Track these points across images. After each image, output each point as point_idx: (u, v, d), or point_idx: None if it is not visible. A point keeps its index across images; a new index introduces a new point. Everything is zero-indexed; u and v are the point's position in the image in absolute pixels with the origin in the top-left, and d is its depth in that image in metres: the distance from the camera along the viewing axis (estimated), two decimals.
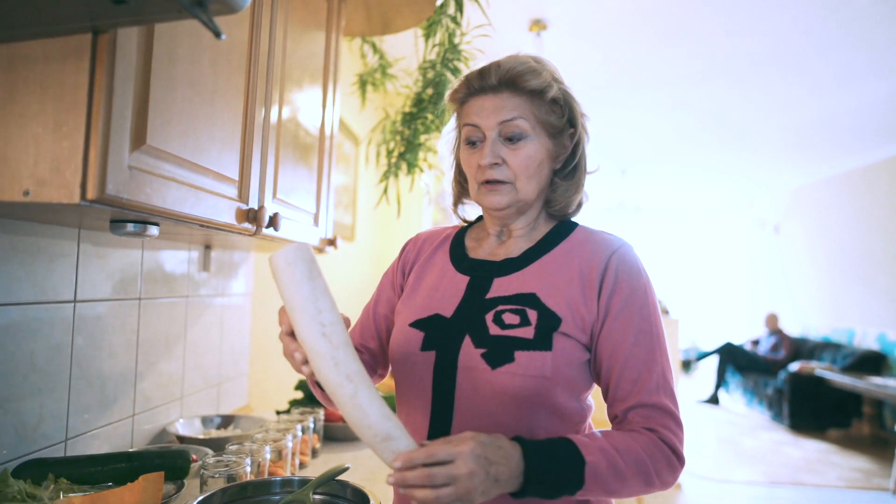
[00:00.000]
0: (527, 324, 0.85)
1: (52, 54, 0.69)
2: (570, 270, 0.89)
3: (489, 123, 0.90)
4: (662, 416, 0.83)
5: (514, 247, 0.96)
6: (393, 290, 1.07)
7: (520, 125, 0.89)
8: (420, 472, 0.69)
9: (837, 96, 4.21)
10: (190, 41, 0.88)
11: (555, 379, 0.83)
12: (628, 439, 0.80)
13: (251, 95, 1.11)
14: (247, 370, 1.98)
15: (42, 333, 1.04)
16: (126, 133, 0.74)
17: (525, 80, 0.89)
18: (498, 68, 0.90)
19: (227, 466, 1.03)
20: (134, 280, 1.33)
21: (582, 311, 0.86)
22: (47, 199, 0.69)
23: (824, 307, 6.67)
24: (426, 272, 1.01)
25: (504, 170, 0.90)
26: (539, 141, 0.91)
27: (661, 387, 0.84)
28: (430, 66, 1.78)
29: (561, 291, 0.88)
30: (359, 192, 3.41)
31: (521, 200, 0.92)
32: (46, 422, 1.06)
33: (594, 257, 0.89)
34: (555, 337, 0.84)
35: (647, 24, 3.16)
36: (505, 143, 0.90)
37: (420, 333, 0.92)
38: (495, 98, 0.90)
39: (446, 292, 0.95)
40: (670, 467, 0.81)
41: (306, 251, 0.75)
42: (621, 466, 0.77)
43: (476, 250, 1.00)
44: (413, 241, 1.10)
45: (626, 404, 0.84)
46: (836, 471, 4.51)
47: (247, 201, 1.11)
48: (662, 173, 7.18)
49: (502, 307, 0.88)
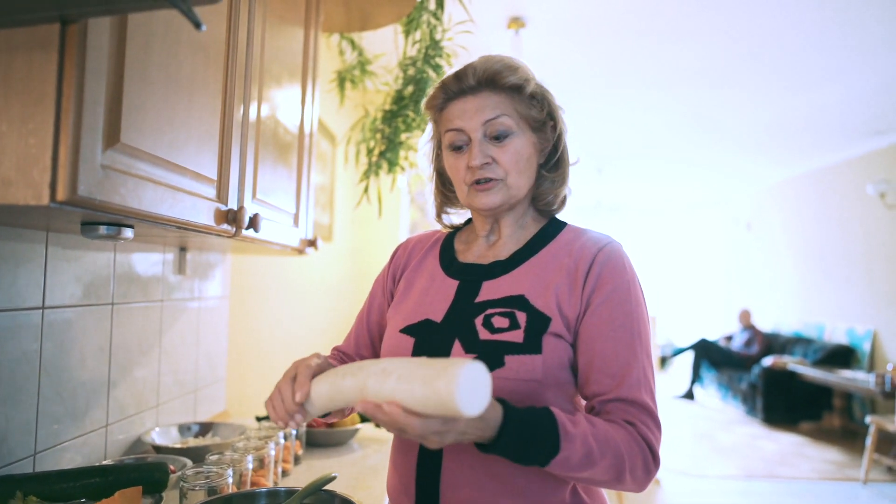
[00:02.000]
0: (516, 327, 0.85)
1: (19, 45, 0.65)
2: (558, 269, 0.89)
3: (473, 125, 0.90)
4: (641, 412, 0.81)
5: (503, 249, 0.96)
6: (384, 297, 1.06)
7: (504, 122, 0.89)
8: (394, 425, 0.68)
9: (809, 96, 4.29)
10: (166, 34, 0.84)
11: (546, 382, 0.83)
12: (611, 430, 0.79)
13: (229, 92, 1.07)
14: (224, 375, 1.93)
15: (7, 342, 0.99)
16: (98, 130, 0.70)
17: (503, 77, 0.89)
18: (475, 69, 0.90)
19: (207, 478, 0.99)
20: (106, 284, 1.27)
21: (567, 308, 0.86)
22: (13, 201, 0.64)
23: (796, 302, 6.82)
24: (416, 277, 1.01)
25: (495, 168, 0.90)
26: (524, 136, 0.91)
27: (641, 384, 0.83)
28: (411, 63, 1.75)
29: (549, 290, 0.87)
30: (336, 191, 3.36)
31: (513, 197, 0.92)
32: (13, 435, 1.01)
33: (581, 255, 0.89)
34: (544, 339, 0.84)
35: (624, 23, 3.18)
36: (491, 143, 0.90)
37: (411, 339, 0.91)
38: (476, 99, 0.90)
39: (436, 297, 0.94)
40: (645, 466, 0.80)
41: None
42: (595, 458, 0.76)
43: (465, 254, 1.00)
44: (403, 246, 1.09)
45: (605, 398, 0.83)
46: (809, 463, 4.61)
47: (226, 202, 1.07)
48: (639, 171, 7.26)
49: (491, 310, 0.87)
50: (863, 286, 5.69)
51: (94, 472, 0.96)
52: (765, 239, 7.60)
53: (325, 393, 0.76)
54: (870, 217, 5.61)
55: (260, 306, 2.26)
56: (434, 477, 0.86)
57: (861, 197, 5.72)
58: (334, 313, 3.51)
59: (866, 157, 5.74)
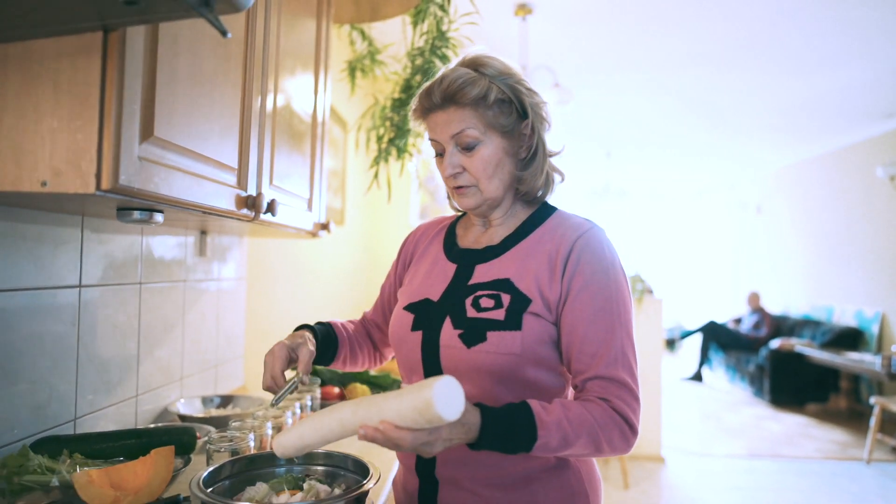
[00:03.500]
0: (499, 306, 0.93)
1: (65, 51, 0.73)
2: (541, 254, 0.97)
3: (444, 137, 0.98)
4: (618, 388, 0.88)
5: (495, 234, 1.05)
6: (395, 276, 1.18)
7: (470, 134, 0.96)
8: (389, 443, 0.76)
9: (817, 79, 4.29)
10: (191, 36, 0.92)
11: (524, 355, 0.91)
12: (583, 411, 0.86)
13: (248, 85, 1.15)
14: (242, 352, 2.03)
15: (50, 317, 1.08)
16: (136, 125, 0.78)
17: (464, 92, 0.95)
18: (439, 85, 0.96)
19: (231, 441, 1.09)
20: (134, 265, 1.36)
21: (547, 291, 0.93)
22: (64, 190, 0.73)
23: (805, 285, 6.83)
24: (423, 261, 1.11)
25: (465, 176, 0.98)
26: (492, 143, 0.97)
27: (618, 361, 0.89)
28: (419, 53, 1.81)
29: (531, 274, 0.95)
30: (347, 176, 3.44)
31: (488, 199, 1.00)
32: (56, 402, 1.11)
33: (562, 241, 0.96)
34: (524, 317, 0.92)
35: (631, 8, 3.20)
36: (462, 152, 0.98)
37: (411, 315, 1.02)
38: (443, 114, 0.97)
39: (436, 279, 1.04)
40: (622, 436, 0.87)
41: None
42: (571, 438, 0.84)
43: (464, 238, 1.09)
44: (413, 234, 1.20)
45: (585, 376, 0.91)
46: (813, 443, 4.68)
47: (245, 188, 1.15)
48: (647, 156, 7.27)
49: (480, 292, 0.97)
50: (871, 269, 5.70)
51: (131, 434, 1.06)
52: (774, 222, 7.60)
53: (335, 424, 0.82)
54: (879, 200, 5.60)
55: (275, 287, 2.36)
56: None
57: (870, 180, 5.71)
58: (345, 294, 3.61)
59: (876, 139, 5.71)
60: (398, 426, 0.75)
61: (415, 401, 0.74)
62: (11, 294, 0.99)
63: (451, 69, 0.99)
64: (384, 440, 0.76)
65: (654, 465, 4.10)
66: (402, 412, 0.75)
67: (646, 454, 4.21)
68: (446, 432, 0.78)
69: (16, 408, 1.01)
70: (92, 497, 0.83)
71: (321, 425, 0.82)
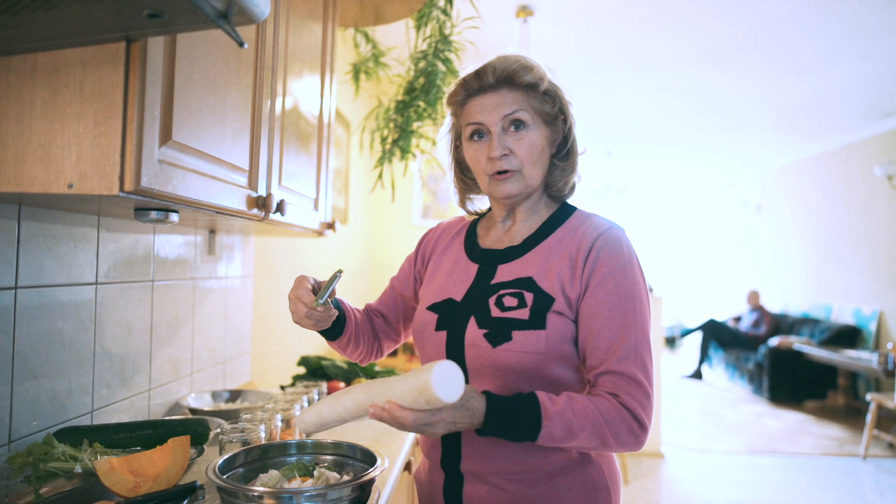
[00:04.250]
0: (523, 305, 0.95)
1: (91, 61, 0.77)
2: (563, 253, 0.99)
3: (493, 119, 0.99)
4: (629, 383, 0.90)
5: (518, 234, 1.06)
6: (410, 271, 1.21)
7: (521, 117, 0.99)
8: (396, 422, 0.82)
9: (817, 78, 4.32)
10: (207, 44, 0.96)
11: (549, 353, 0.93)
12: (589, 404, 0.88)
13: (258, 89, 1.19)
14: (250, 349, 2.07)
15: (69, 313, 1.13)
16: (156, 130, 0.82)
17: (520, 76, 0.99)
18: (493, 69, 0.99)
19: (242, 432, 1.13)
20: (147, 263, 1.41)
21: (569, 289, 0.95)
22: (89, 192, 0.77)
23: (804, 284, 6.87)
24: (443, 260, 1.13)
25: (512, 159, 0.99)
26: (538, 129, 1.01)
27: (630, 357, 0.91)
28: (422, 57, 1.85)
29: (554, 273, 0.97)
30: (351, 176, 3.48)
31: (529, 186, 1.02)
32: (75, 394, 1.15)
33: (584, 239, 0.98)
34: (548, 316, 0.94)
35: (631, 8, 3.24)
36: (509, 135, 1.00)
37: (434, 315, 1.04)
38: (495, 95, 0.99)
39: (459, 278, 1.07)
40: (630, 432, 0.89)
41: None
42: (576, 429, 0.87)
43: (485, 238, 1.11)
44: (433, 231, 1.22)
45: (597, 371, 0.93)
46: (811, 439, 4.72)
47: (256, 189, 1.19)
48: (648, 155, 7.30)
49: (503, 291, 0.99)
50: (870, 267, 5.73)
51: (147, 425, 1.10)
52: (774, 221, 7.63)
53: (350, 403, 0.89)
54: (878, 199, 5.64)
55: (281, 285, 2.40)
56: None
57: (869, 179, 5.75)
58: (349, 291, 3.65)
59: (874, 139, 5.75)
60: (402, 406, 0.81)
61: (415, 382, 0.80)
62: (35, 290, 1.03)
63: (503, 56, 1.01)
64: (390, 419, 0.81)
65: (653, 461, 4.14)
66: (404, 393, 0.81)
67: (645, 450, 4.25)
68: (448, 415, 0.82)
69: (37, 399, 1.05)
70: (113, 483, 0.88)
71: (338, 404, 0.88)
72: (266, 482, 0.93)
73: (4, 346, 0.98)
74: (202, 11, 0.65)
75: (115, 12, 0.68)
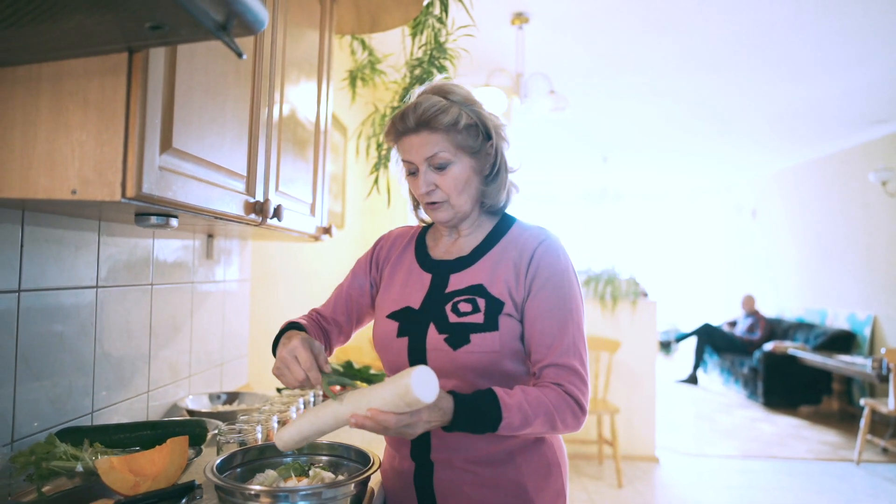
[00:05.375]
0: (477, 310, 1.06)
1: (94, 70, 0.80)
2: (507, 262, 1.09)
3: (418, 159, 1.08)
4: (569, 373, 1.01)
5: (465, 245, 1.16)
6: (366, 278, 1.26)
7: (442, 156, 1.07)
8: (377, 427, 0.87)
9: (812, 84, 4.37)
10: (206, 53, 0.98)
11: (503, 352, 1.04)
12: (540, 394, 0.98)
13: (256, 96, 1.22)
14: (247, 352, 2.09)
15: (70, 315, 1.15)
16: (156, 138, 0.85)
17: (437, 120, 1.05)
18: (414, 111, 1.06)
19: (239, 433, 1.15)
20: (146, 267, 1.43)
21: (515, 293, 1.06)
22: (92, 198, 0.80)
23: (799, 289, 6.91)
24: (398, 270, 1.21)
25: (438, 192, 1.09)
26: (462, 163, 1.09)
27: (570, 351, 1.02)
28: (417, 64, 1.88)
29: (501, 279, 1.07)
30: (348, 181, 3.51)
31: (459, 212, 1.11)
32: (75, 395, 1.17)
33: (525, 248, 1.09)
34: (500, 318, 1.05)
35: (627, 14, 3.28)
36: (434, 171, 1.08)
37: (395, 324, 1.12)
38: (417, 137, 1.07)
39: (414, 288, 1.15)
40: (574, 415, 1.01)
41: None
42: (531, 418, 0.96)
43: (435, 249, 1.20)
44: (386, 237, 1.29)
45: (541, 364, 1.03)
46: (805, 444, 4.75)
47: (254, 194, 1.22)
48: (643, 160, 7.35)
49: (458, 298, 1.08)
50: (864, 273, 5.78)
51: (146, 425, 1.12)
52: (769, 226, 7.68)
53: (329, 416, 0.92)
54: (872, 205, 5.68)
55: (277, 289, 2.43)
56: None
57: (863, 185, 5.80)
58: None
59: (868, 145, 5.80)
60: (383, 411, 0.86)
61: (397, 388, 0.86)
62: (37, 293, 1.06)
63: (423, 96, 1.09)
64: (373, 425, 0.87)
65: (648, 465, 4.16)
66: (385, 399, 0.86)
67: (640, 454, 4.27)
68: (426, 415, 0.89)
69: (38, 400, 1.07)
70: (113, 481, 0.90)
71: (317, 418, 0.92)
72: (263, 482, 0.95)
73: (7, 347, 1.00)
74: (203, 24, 0.67)
75: (117, 24, 0.70)
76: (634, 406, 4.30)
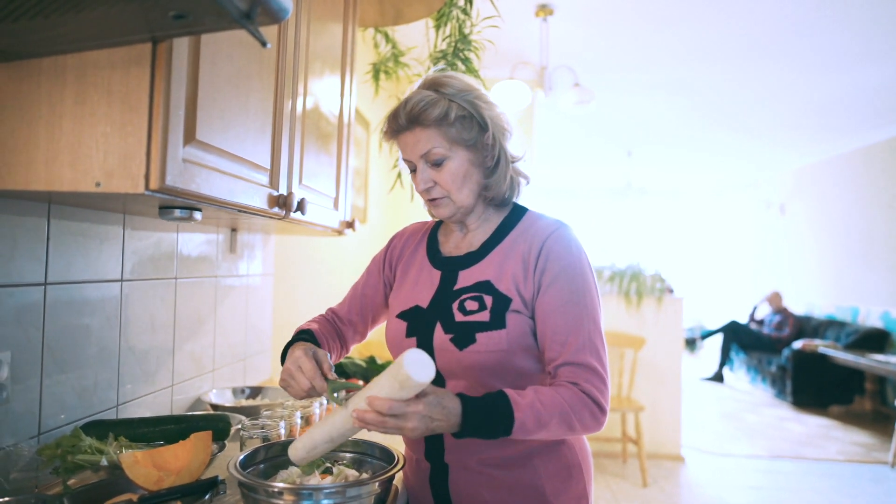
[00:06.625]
0: (484, 308, 1.02)
1: (118, 62, 0.79)
2: (516, 256, 1.05)
3: (414, 156, 1.06)
4: (586, 371, 0.96)
5: (474, 240, 1.12)
6: (379, 277, 1.24)
7: (437, 152, 1.04)
8: (376, 418, 0.85)
9: (841, 77, 4.24)
10: (230, 44, 0.97)
11: (511, 349, 1.00)
12: (554, 394, 0.94)
13: (280, 89, 1.20)
14: (269, 346, 2.09)
15: (96, 309, 1.15)
16: (180, 129, 0.84)
17: (426, 114, 1.02)
18: (404, 108, 1.03)
19: (263, 428, 1.15)
20: (170, 261, 1.43)
21: (523, 289, 1.02)
22: (116, 190, 0.79)
23: (829, 286, 6.74)
24: (410, 267, 1.18)
25: (437, 189, 1.07)
26: (458, 156, 1.05)
27: (586, 348, 0.97)
28: (441, 56, 1.85)
29: (509, 274, 1.03)
30: (370, 175, 3.50)
31: (461, 207, 1.08)
32: (101, 388, 1.18)
33: (533, 241, 1.05)
34: (507, 316, 1.00)
35: (651, 7, 3.21)
36: (432, 167, 1.06)
37: (404, 323, 1.10)
38: (410, 135, 1.05)
39: (424, 286, 1.12)
40: (592, 415, 0.95)
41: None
42: (545, 419, 0.92)
43: (446, 245, 1.17)
44: (399, 235, 1.26)
45: (556, 363, 0.98)
46: (836, 445, 4.63)
47: (277, 188, 1.21)
48: (668, 155, 7.22)
49: (465, 296, 1.05)
50: None
51: (170, 420, 1.12)
52: (797, 221, 7.50)
53: (338, 419, 0.91)
54: None
55: (300, 283, 2.42)
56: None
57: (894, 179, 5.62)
58: None
59: None
60: (378, 396, 0.84)
61: (390, 370, 0.85)
62: (64, 287, 1.06)
63: (414, 92, 1.06)
64: (373, 417, 0.84)
65: (673, 464, 4.10)
66: (382, 385, 0.85)
67: (665, 453, 4.21)
68: (424, 407, 0.85)
69: (65, 393, 1.08)
70: (137, 476, 0.89)
71: (326, 426, 0.91)
72: (286, 479, 0.94)
73: (34, 340, 1.00)
74: (227, 12, 0.66)
75: (141, 14, 0.69)
76: (659, 404, 4.23)
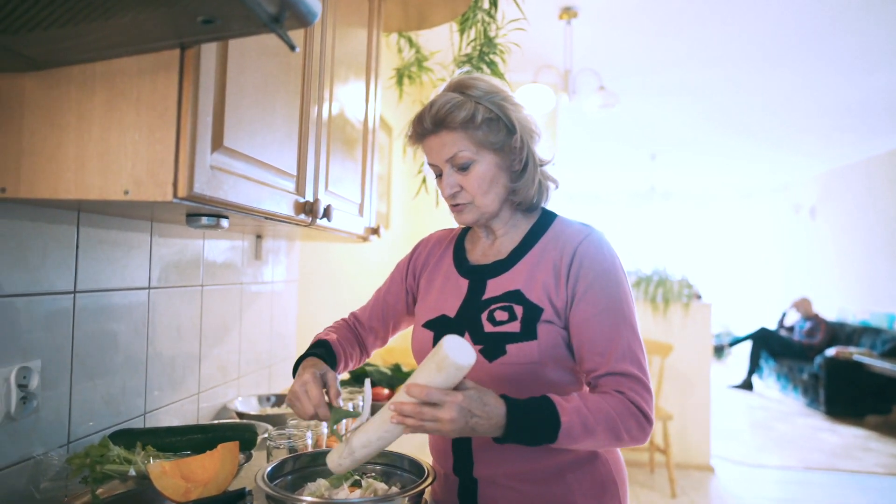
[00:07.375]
0: (514, 318, 0.98)
1: (146, 69, 0.78)
2: (546, 264, 1.02)
3: (439, 160, 1.03)
4: (630, 380, 0.93)
5: (503, 247, 1.09)
6: (402, 284, 1.21)
7: (463, 156, 1.00)
8: (413, 406, 0.82)
9: (872, 78, 4.12)
10: (257, 49, 0.96)
11: (542, 361, 0.97)
12: (601, 400, 0.90)
13: (306, 95, 1.19)
14: (294, 353, 2.09)
15: (123, 316, 1.15)
16: (208, 136, 0.83)
17: (453, 117, 0.99)
18: (429, 111, 1.01)
19: (289, 439, 1.13)
20: (196, 268, 1.43)
21: (555, 298, 0.98)
22: (144, 198, 0.78)
23: (862, 291, 6.55)
24: (436, 276, 1.15)
25: (463, 194, 1.03)
26: (485, 160, 1.01)
27: (626, 356, 0.94)
28: (466, 60, 1.83)
29: (539, 284, 1.00)
30: (393, 181, 3.49)
31: (485, 213, 1.04)
32: (128, 396, 1.17)
33: (565, 248, 1.01)
34: (539, 326, 0.97)
35: (676, 9, 3.15)
36: (458, 172, 1.02)
37: (430, 333, 1.07)
38: (436, 138, 1.02)
39: (451, 295, 1.08)
40: (639, 426, 0.92)
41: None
42: (592, 425, 0.88)
43: (473, 252, 1.13)
44: (424, 242, 1.23)
45: (597, 373, 0.95)
46: (874, 457, 4.48)
47: (303, 194, 1.20)
48: (692, 159, 7.11)
49: (494, 306, 1.01)
50: None
51: (197, 429, 1.11)
52: (829, 225, 7.31)
53: (377, 419, 0.89)
54: None
55: (324, 290, 2.42)
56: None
57: None
58: None
59: None
60: (418, 383, 0.82)
61: (431, 356, 0.83)
62: (92, 294, 1.06)
63: (440, 94, 1.03)
64: (410, 408, 0.82)
65: (702, 475, 4.00)
66: (419, 371, 0.84)
67: (694, 463, 4.11)
68: (463, 399, 0.82)
69: (93, 400, 1.07)
70: (165, 487, 0.88)
71: (362, 431, 0.88)
72: (314, 491, 0.92)
73: (64, 347, 1.00)
74: (256, 15, 0.64)
75: (169, 19, 0.68)
76: (688, 412, 4.14)
